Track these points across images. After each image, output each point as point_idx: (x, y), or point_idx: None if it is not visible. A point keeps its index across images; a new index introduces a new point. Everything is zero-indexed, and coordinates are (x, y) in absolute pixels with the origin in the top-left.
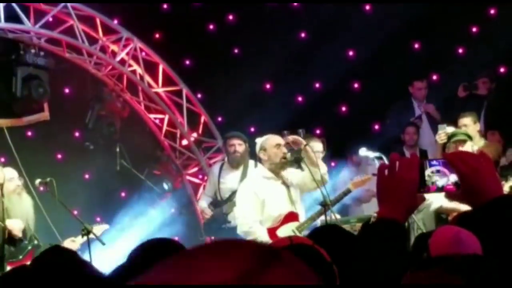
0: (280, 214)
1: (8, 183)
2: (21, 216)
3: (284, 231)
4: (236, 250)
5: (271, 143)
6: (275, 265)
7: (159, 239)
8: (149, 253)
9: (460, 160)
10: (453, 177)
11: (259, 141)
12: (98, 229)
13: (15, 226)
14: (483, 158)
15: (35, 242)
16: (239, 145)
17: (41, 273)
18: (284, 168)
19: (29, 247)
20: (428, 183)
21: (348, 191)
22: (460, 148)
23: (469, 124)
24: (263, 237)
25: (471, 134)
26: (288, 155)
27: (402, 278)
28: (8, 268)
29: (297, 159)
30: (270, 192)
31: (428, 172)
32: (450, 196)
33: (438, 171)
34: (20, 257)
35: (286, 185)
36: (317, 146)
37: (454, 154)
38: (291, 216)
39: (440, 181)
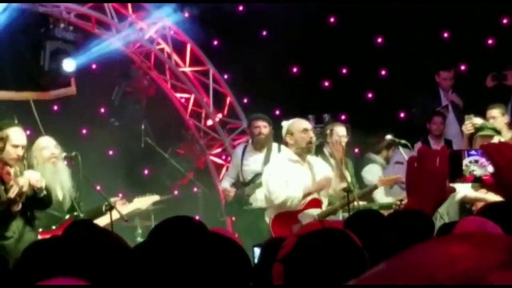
0: (305, 197)
1: (43, 151)
2: (56, 185)
3: (306, 217)
4: (491, 241)
5: (298, 127)
6: None
7: (181, 217)
8: (171, 230)
9: (497, 151)
10: (491, 168)
11: (285, 124)
12: (148, 199)
13: (32, 176)
14: None
15: (75, 213)
16: (264, 127)
17: (69, 245)
18: (310, 152)
19: (66, 218)
20: (465, 173)
21: (375, 188)
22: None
23: (497, 116)
24: (299, 196)
25: (499, 126)
26: (314, 139)
27: None
28: (39, 237)
29: (321, 144)
30: (295, 175)
31: (466, 162)
32: (487, 187)
33: (476, 161)
34: (54, 227)
35: (312, 171)
36: (341, 131)
37: (492, 145)
38: (315, 203)
39: (478, 171)
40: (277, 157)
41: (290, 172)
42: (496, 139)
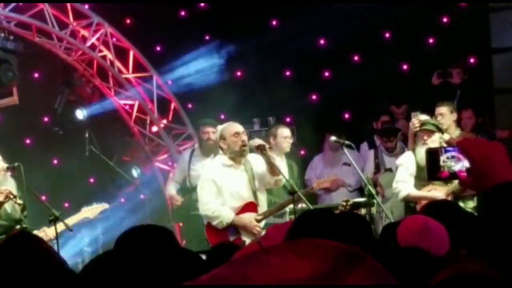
0: (239, 203)
1: None
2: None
3: (250, 218)
4: (317, 250)
5: (229, 131)
6: (357, 265)
7: (149, 226)
8: (139, 240)
9: (473, 146)
10: (467, 163)
11: (218, 129)
12: (96, 208)
13: None
14: (496, 145)
15: (23, 225)
16: (212, 133)
17: (3, 259)
18: (244, 156)
19: (17, 227)
20: (443, 168)
21: (311, 189)
22: (426, 138)
23: (446, 113)
24: (229, 217)
25: (447, 124)
26: (248, 143)
27: None
28: None
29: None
30: (229, 180)
31: (443, 158)
32: (463, 182)
33: (453, 157)
34: (2, 237)
35: (248, 173)
36: (286, 132)
37: (468, 141)
38: (250, 206)
39: (455, 167)
40: (211, 163)
41: (223, 178)
42: (437, 135)
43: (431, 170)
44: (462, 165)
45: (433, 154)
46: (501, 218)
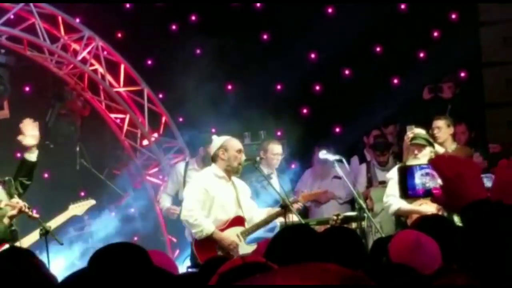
0: (227, 216)
1: None
2: None
3: (229, 235)
4: (323, 275)
5: (234, 146)
6: None
7: (121, 244)
8: (111, 258)
9: (445, 164)
10: (440, 181)
11: (219, 139)
12: (83, 205)
13: None
14: (469, 163)
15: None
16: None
17: None
18: (238, 173)
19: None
20: (418, 186)
21: (295, 201)
22: (417, 152)
23: (442, 126)
24: (210, 230)
25: (443, 137)
26: (244, 162)
27: None
28: None
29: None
30: (220, 192)
31: (418, 174)
32: (436, 200)
33: (427, 174)
34: None
35: (236, 189)
36: (276, 149)
37: (440, 158)
38: (238, 220)
39: (430, 184)
40: (203, 172)
41: (216, 189)
42: (427, 149)
43: (403, 189)
44: (436, 182)
45: (405, 172)
46: (472, 237)
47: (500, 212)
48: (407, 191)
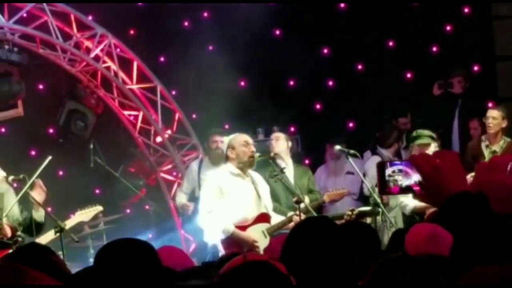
0: (246, 211)
1: None
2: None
3: (254, 232)
4: None
5: (239, 141)
6: None
7: (126, 240)
8: (117, 254)
9: (422, 159)
10: (417, 177)
11: (227, 139)
12: (90, 211)
13: None
14: (446, 156)
15: (19, 238)
16: (221, 142)
17: (13, 271)
18: (252, 166)
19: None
20: (389, 183)
21: (323, 202)
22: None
23: (497, 117)
24: (228, 231)
25: (495, 129)
26: (256, 155)
27: None
28: None
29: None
30: (236, 189)
31: (389, 172)
32: (417, 196)
33: (400, 171)
34: None
35: (255, 184)
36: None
37: (418, 155)
38: (263, 217)
39: (404, 182)
40: (218, 170)
41: (231, 186)
42: (432, 146)
43: (380, 184)
44: (412, 179)
45: (382, 168)
46: (457, 229)
47: (478, 203)
48: (383, 187)
